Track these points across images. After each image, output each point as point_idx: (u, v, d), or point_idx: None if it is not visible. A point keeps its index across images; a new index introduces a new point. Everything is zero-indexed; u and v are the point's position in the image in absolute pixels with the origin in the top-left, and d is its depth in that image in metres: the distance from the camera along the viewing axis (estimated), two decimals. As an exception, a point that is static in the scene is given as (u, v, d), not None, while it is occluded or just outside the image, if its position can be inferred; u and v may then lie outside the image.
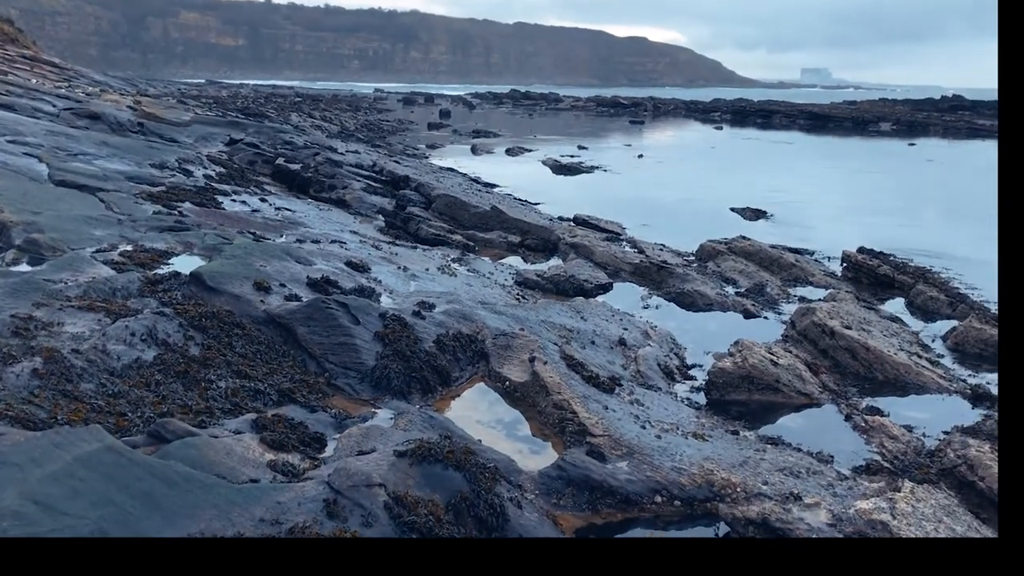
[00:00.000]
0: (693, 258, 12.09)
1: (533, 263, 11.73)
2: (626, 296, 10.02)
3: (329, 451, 4.67)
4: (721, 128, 50.46)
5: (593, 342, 7.38)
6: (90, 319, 5.60)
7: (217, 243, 8.25)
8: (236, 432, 4.53)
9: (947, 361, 8.00)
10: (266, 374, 5.54)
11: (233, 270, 6.90)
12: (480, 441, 4.98)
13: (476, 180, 19.84)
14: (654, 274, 10.65)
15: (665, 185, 21.61)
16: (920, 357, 7.81)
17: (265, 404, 5.15)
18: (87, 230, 8.18)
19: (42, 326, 5.33)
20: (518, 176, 21.91)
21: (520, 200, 16.89)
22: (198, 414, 4.78)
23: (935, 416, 6.55)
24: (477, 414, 5.77)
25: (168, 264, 7.51)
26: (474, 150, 29.60)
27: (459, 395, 6.07)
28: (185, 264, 7.44)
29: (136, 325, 5.56)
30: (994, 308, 9.71)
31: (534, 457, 5.16)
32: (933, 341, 8.57)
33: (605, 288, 10.24)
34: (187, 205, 10.79)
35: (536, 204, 16.63)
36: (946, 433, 6.06)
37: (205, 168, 14.94)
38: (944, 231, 15.53)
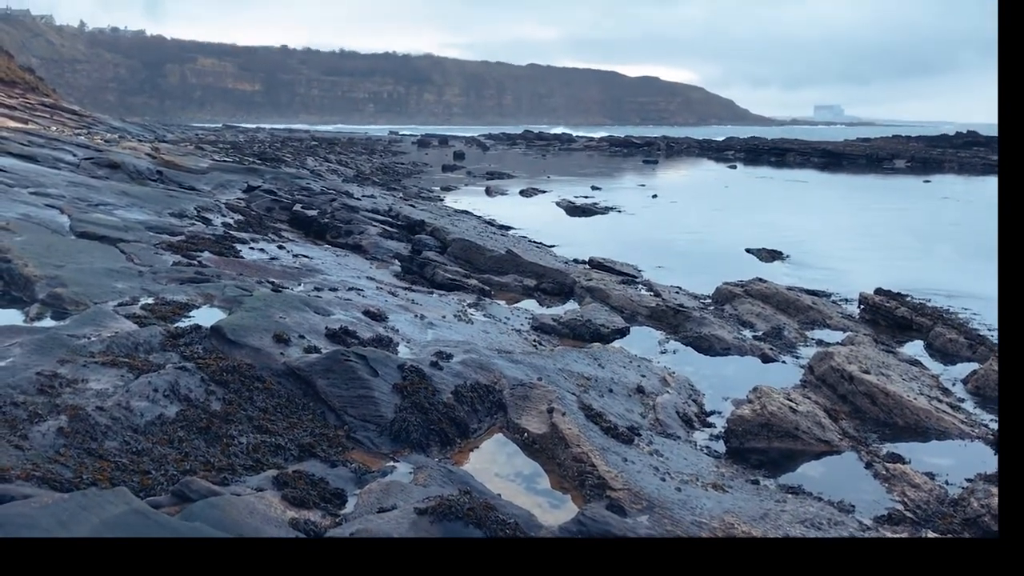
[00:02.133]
0: (709, 301, 12.10)
1: (549, 307, 11.77)
2: (643, 340, 10.03)
3: (350, 507, 4.68)
4: (735, 167, 50.62)
5: (611, 390, 7.38)
6: (113, 375, 5.68)
7: (237, 294, 8.35)
8: (258, 489, 4.55)
9: (968, 405, 7.92)
10: (286, 428, 5.58)
11: (253, 322, 6.98)
12: (499, 495, 4.98)
13: (491, 223, 19.99)
14: (671, 318, 10.66)
15: (680, 226, 21.68)
16: (940, 401, 7.75)
17: (286, 459, 5.19)
18: (109, 283, 8.30)
19: (67, 383, 5.40)
20: (532, 218, 22.04)
21: (535, 243, 17.00)
22: (220, 471, 4.81)
23: (957, 463, 6.49)
24: (496, 467, 5.77)
25: (189, 317, 7.60)
26: (488, 192, 29.84)
27: (478, 447, 6.08)
28: (206, 317, 7.53)
29: (159, 380, 5.62)
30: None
31: (553, 512, 5.15)
32: (953, 385, 8.50)
33: (622, 333, 10.25)
34: (206, 254, 10.93)
35: (551, 246, 16.72)
36: (969, 481, 6.01)
37: (224, 216, 15.14)
38: (961, 270, 15.47)
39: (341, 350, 6.55)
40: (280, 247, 12.95)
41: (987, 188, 36.83)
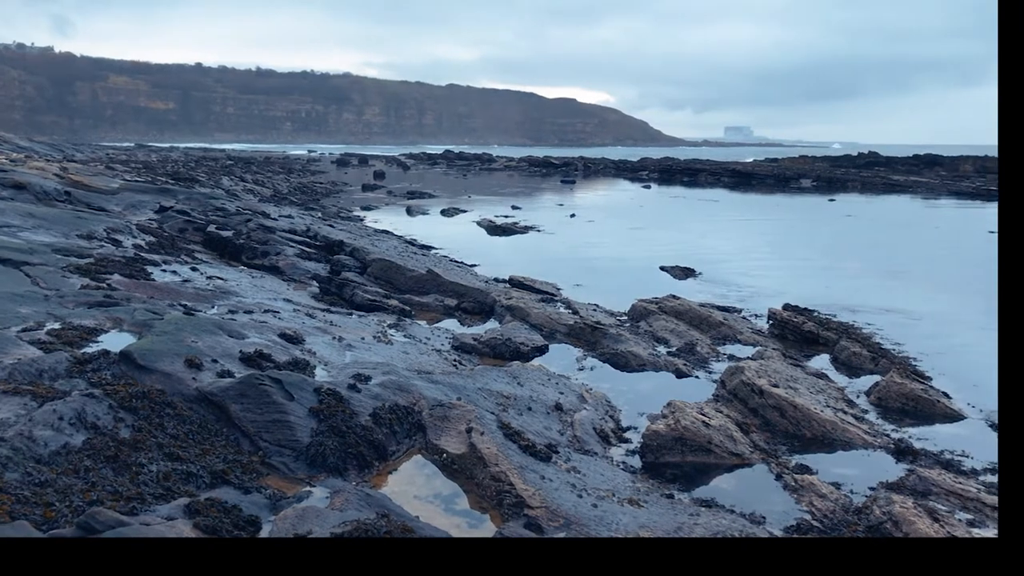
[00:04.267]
0: (626, 318, 12.33)
1: (470, 326, 11.80)
2: (562, 358, 10.15)
3: (264, 534, 4.60)
4: (649, 186, 51.72)
5: (530, 408, 7.45)
6: (15, 404, 5.45)
7: (147, 318, 8.12)
8: (168, 518, 4.44)
9: (871, 416, 8.28)
10: (199, 455, 5.45)
11: (164, 347, 6.81)
12: (418, 517, 4.97)
13: (412, 242, 19.95)
14: (588, 335, 10.82)
15: (597, 244, 22.02)
16: (846, 413, 8.08)
17: (198, 487, 5.07)
18: (12, 308, 7.97)
19: (-37, 414, 5.16)
20: (454, 237, 22.09)
21: (456, 262, 17.04)
22: (129, 500, 4.67)
23: (861, 472, 6.77)
24: (414, 488, 5.75)
25: (97, 342, 7.35)
26: (409, 211, 29.77)
27: (396, 469, 6.05)
28: (115, 342, 7.30)
29: (64, 408, 5.43)
30: (914, 362, 10.13)
31: (472, 532, 5.17)
32: (858, 397, 8.86)
33: (541, 350, 10.35)
34: (116, 277, 10.60)
35: (472, 266, 16.79)
36: (872, 489, 6.28)
37: (135, 237, 14.72)
38: (865, 286, 16.11)
39: (255, 374, 6.44)
40: (193, 269, 12.65)
41: (888, 206, 38.56)
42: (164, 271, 11.98)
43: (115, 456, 5.14)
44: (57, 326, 7.61)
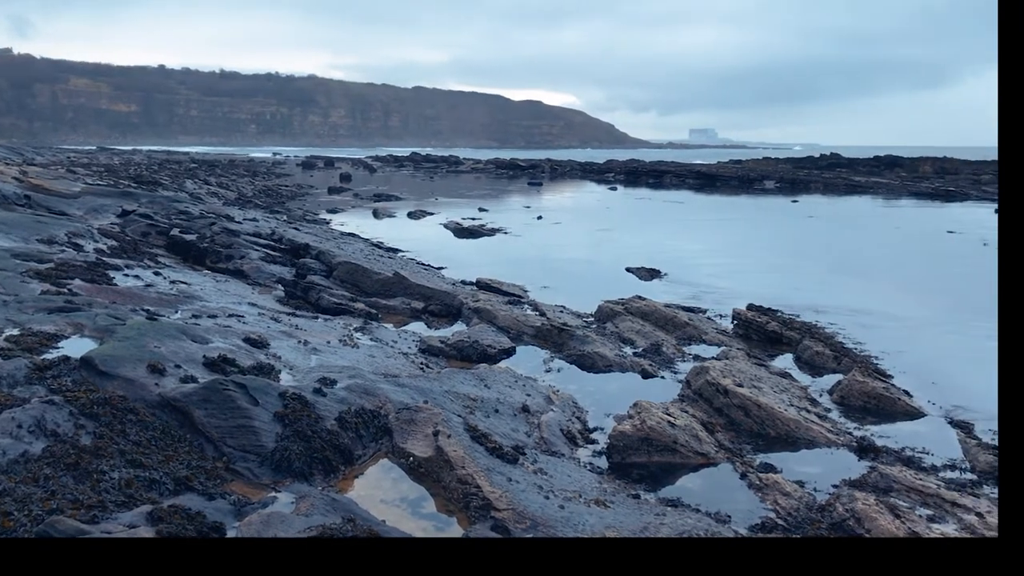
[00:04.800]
0: (592, 319, 12.38)
1: (437, 329, 11.79)
2: (529, 360, 10.17)
3: (229, 541, 4.56)
4: (615, 188, 51.99)
5: (497, 410, 7.46)
6: (-29, 412, 5.35)
7: (109, 323, 8.01)
8: (130, 526, 4.38)
9: (834, 415, 8.40)
10: (161, 461, 5.39)
11: (126, 352, 6.72)
12: (384, 522, 4.96)
13: (378, 245, 19.88)
14: (555, 336, 10.85)
15: (564, 246, 22.10)
16: (809, 412, 8.19)
17: (161, 494, 5.01)
18: (-33, 314, 7.82)
19: (-83, 423, 5.06)
20: (421, 240, 22.05)
21: (423, 265, 17.00)
22: (90, 508, 4.60)
23: (825, 470, 6.87)
24: (381, 492, 5.74)
25: (57, 348, 7.24)
26: (376, 214, 29.63)
27: (363, 473, 6.03)
28: (76, 347, 7.19)
29: (23, 416, 5.34)
30: (875, 361, 10.29)
31: (439, 535, 5.16)
32: (820, 395, 8.99)
33: (508, 352, 10.37)
34: (77, 282, 10.43)
35: (439, 268, 16.76)
36: (835, 487, 6.37)
37: (96, 242, 14.50)
38: (827, 286, 16.36)
39: (219, 379, 6.38)
40: (156, 273, 12.49)
41: (849, 207, 39.14)
42: (127, 276, 11.82)
43: (76, 464, 5.06)
44: (16, 332, 7.48)
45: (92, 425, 5.58)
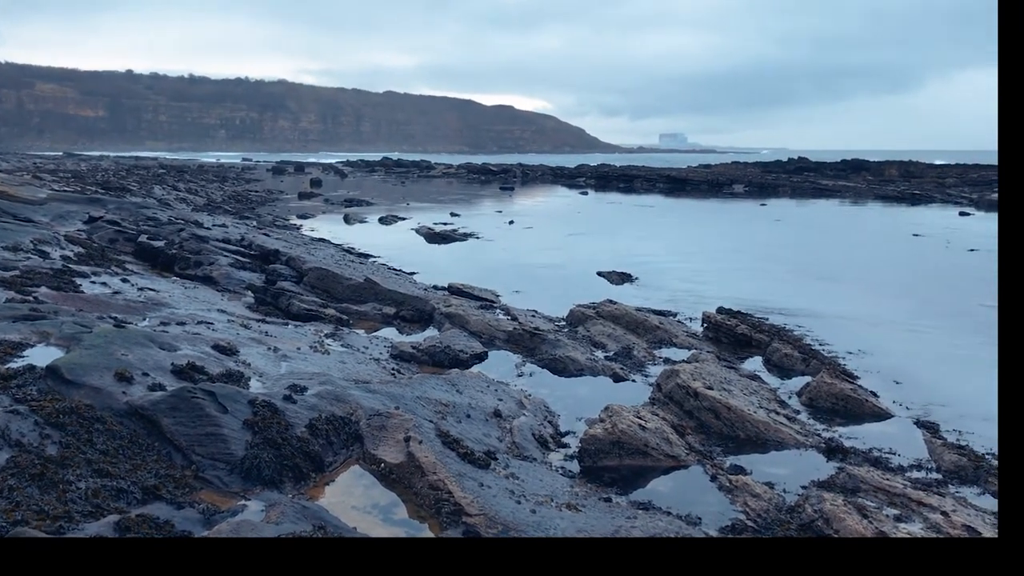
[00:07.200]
0: (564, 323, 12.42)
1: (409, 335, 11.76)
2: (501, 364, 10.18)
3: (198, 550, 4.52)
4: (586, 193, 52.21)
5: (469, 415, 7.46)
6: (-68, 423, 5.25)
7: (76, 331, 7.89)
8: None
9: (803, 416, 8.49)
10: (129, 471, 5.33)
11: (93, 361, 6.63)
12: (355, 528, 4.94)
13: (349, 251, 19.80)
14: (527, 341, 10.88)
15: (535, 251, 22.15)
16: (778, 414, 8.27)
17: (129, 503, 4.95)
18: (-72, 323, 7.67)
19: None
20: (392, 245, 22.00)
21: (395, 270, 16.96)
22: (56, 519, 4.54)
23: (794, 471, 6.94)
24: (352, 499, 5.71)
25: (22, 357, 7.11)
26: (347, 219, 29.52)
27: (333, 480, 6.00)
28: (41, 356, 7.08)
29: (-16, 427, 5.25)
30: (843, 362, 10.42)
31: (411, 540, 5.15)
32: (789, 397, 9.09)
33: (480, 357, 10.37)
34: (43, 290, 10.28)
35: (411, 274, 16.72)
36: (804, 488, 6.44)
37: (63, 248, 14.29)
38: (795, 289, 16.53)
39: (188, 387, 6.32)
40: (124, 280, 12.34)
41: (817, 210, 39.62)
42: (94, 283, 11.66)
43: (41, 474, 4.98)
44: (-22, 342, 7.35)
45: (58, 435, 5.50)
